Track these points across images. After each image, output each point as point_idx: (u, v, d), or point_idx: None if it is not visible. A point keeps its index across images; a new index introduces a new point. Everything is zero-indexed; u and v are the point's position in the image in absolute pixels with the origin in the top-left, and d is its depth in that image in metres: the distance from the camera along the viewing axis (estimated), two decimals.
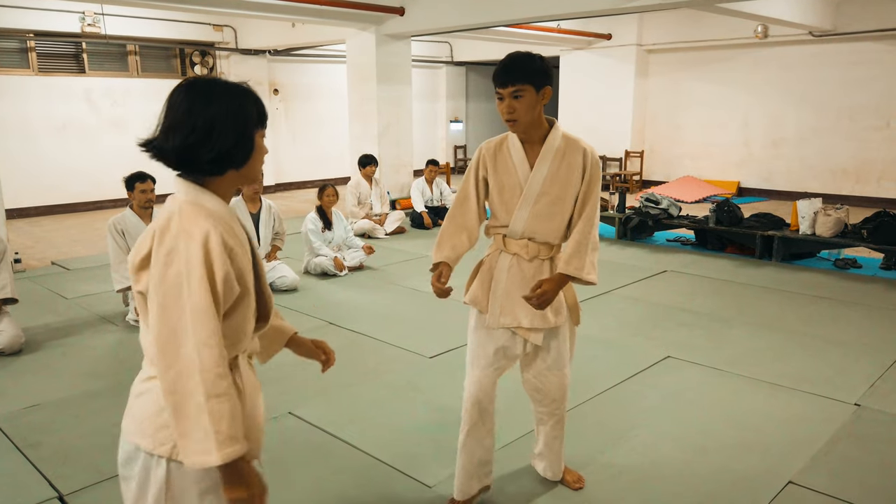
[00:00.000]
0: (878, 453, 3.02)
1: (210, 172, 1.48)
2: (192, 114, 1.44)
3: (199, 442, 1.36)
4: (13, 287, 4.41)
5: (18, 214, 9.59)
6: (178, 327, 1.37)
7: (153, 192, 4.94)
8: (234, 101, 1.47)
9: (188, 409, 1.36)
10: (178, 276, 1.38)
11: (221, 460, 1.37)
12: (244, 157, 1.50)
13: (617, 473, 2.87)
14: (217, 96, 1.46)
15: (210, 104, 1.45)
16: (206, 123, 1.43)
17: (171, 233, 1.41)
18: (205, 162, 1.45)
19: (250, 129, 1.50)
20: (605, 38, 12.39)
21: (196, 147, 1.44)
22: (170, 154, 1.46)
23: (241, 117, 1.47)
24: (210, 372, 1.37)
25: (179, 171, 1.49)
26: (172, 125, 1.45)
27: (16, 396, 3.68)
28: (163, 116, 1.47)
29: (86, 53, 10.23)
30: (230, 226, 1.48)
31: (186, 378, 1.36)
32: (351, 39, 9.63)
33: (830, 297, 5.47)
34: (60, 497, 2.73)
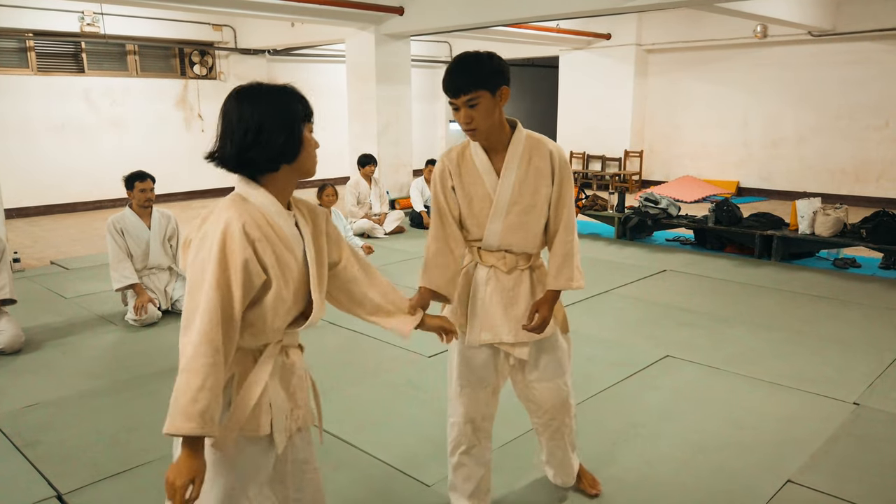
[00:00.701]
0: (876, 452, 3.02)
1: (266, 170, 1.60)
2: (243, 119, 1.54)
3: (169, 409, 1.45)
4: (12, 287, 4.41)
5: (17, 214, 9.58)
6: (196, 306, 1.48)
7: (153, 192, 4.94)
8: (278, 101, 1.58)
9: (182, 380, 1.47)
10: (203, 262, 1.50)
11: (168, 430, 1.44)
12: (294, 151, 1.61)
13: (616, 472, 2.87)
14: (262, 99, 1.57)
15: (256, 107, 1.55)
16: (256, 125, 1.54)
17: (208, 221, 1.55)
18: (260, 161, 1.57)
19: (297, 124, 1.61)
20: (604, 37, 12.40)
21: (250, 149, 1.55)
22: (230, 161, 1.58)
23: (287, 115, 1.59)
24: (194, 345, 1.45)
25: (240, 173, 1.61)
26: (227, 133, 1.57)
27: (15, 396, 3.68)
28: (219, 127, 1.59)
29: (85, 53, 10.23)
30: (264, 218, 1.58)
31: (192, 348, 1.47)
32: (350, 39, 9.63)
33: (829, 297, 5.48)
34: (59, 496, 2.73)
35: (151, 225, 4.99)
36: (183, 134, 11.52)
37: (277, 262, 1.57)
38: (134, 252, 4.93)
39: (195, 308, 1.48)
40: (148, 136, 11.00)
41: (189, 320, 1.49)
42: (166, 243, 5.09)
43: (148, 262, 5.01)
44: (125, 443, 3.15)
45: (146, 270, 5.02)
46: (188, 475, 1.45)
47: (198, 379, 1.44)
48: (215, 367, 1.46)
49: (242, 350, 1.61)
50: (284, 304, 1.61)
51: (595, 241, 7.75)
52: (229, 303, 1.49)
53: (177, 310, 5.07)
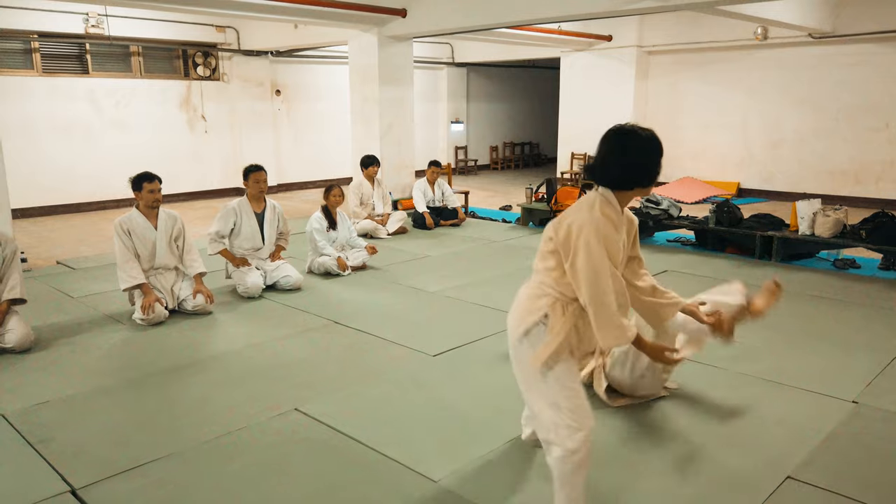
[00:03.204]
0: (875, 450, 3.07)
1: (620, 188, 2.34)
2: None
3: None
4: (23, 288, 4.47)
5: (22, 214, 9.64)
6: (598, 267, 2.20)
7: (160, 192, 5.00)
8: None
9: (606, 315, 2.22)
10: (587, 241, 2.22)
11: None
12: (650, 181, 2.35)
13: (614, 470, 2.91)
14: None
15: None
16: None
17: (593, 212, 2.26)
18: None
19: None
20: (605, 39, 12.45)
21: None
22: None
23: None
24: (618, 290, 2.26)
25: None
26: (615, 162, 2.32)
27: (26, 393, 3.73)
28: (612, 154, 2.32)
29: (89, 54, 10.29)
30: (612, 218, 2.30)
31: (604, 295, 2.21)
32: (353, 41, 9.68)
33: (829, 297, 5.53)
34: (73, 491, 2.78)
35: (158, 225, 5.04)
36: (186, 135, 11.58)
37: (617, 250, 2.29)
38: (141, 252, 4.99)
39: (599, 263, 2.21)
40: (152, 136, 11.05)
41: (595, 265, 2.20)
42: (173, 243, 5.14)
43: (155, 262, 5.06)
44: (135, 439, 3.20)
45: (153, 270, 5.08)
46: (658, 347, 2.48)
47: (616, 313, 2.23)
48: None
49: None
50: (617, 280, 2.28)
51: None
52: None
53: (183, 309, 5.13)
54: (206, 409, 3.54)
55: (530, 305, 2.36)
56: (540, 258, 2.38)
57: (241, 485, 2.82)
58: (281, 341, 4.56)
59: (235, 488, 2.80)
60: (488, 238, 7.99)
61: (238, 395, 3.69)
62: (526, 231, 8.48)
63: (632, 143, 2.28)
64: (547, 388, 2.31)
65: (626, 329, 2.26)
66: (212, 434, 3.24)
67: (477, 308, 5.25)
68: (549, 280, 2.33)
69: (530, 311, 2.35)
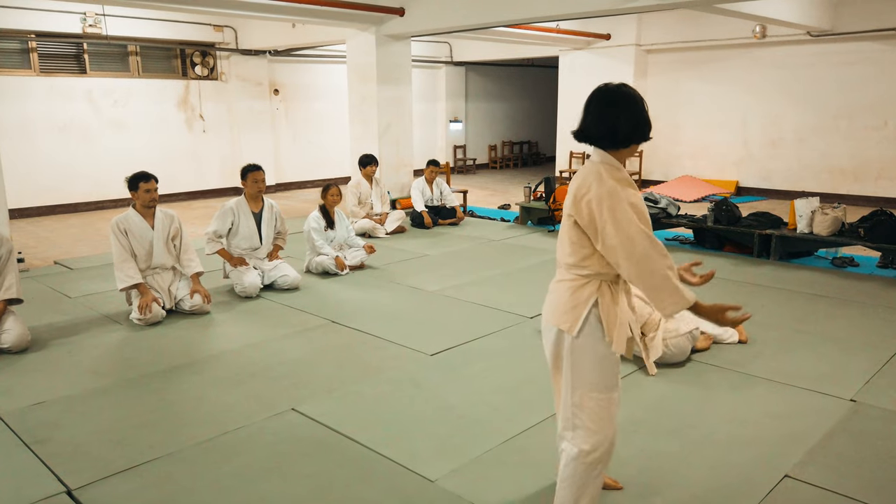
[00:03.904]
0: (873, 448, 3.06)
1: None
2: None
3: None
4: (19, 288, 4.46)
5: (20, 214, 9.63)
6: (631, 234, 2.12)
7: (157, 192, 4.99)
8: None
9: (656, 280, 2.13)
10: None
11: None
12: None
13: (615, 468, 2.91)
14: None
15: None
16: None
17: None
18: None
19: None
20: (604, 38, 12.44)
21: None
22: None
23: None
24: (661, 252, 2.15)
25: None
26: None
27: (23, 393, 3.72)
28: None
29: (87, 54, 10.27)
30: (626, 179, 2.23)
31: (649, 262, 2.12)
32: (351, 40, 9.67)
33: (827, 295, 5.52)
34: (69, 491, 2.77)
35: (155, 225, 5.03)
36: (185, 134, 11.56)
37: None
38: (138, 252, 4.98)
39: (635, 225, 2.13)
40: (150, 136, 11.04)
41: (634, 229, 2.13)
42: (170, 243, 5.13)
43: (152, 261, 5.05)
44: (132, 440, 3.19)
45: (150, 270, 5.07)
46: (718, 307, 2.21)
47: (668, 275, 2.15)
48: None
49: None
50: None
51: None
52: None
53: (181, 309, 5.12)
54: (203, 409, 3.54)
55: (574, 298, 2.25)
56: (568, 244, 2.27)
57: (238, 485, 2.82)
58: (279, 341, 4.55)
59: (232, 488, 2.79)
60: (487, 237, 7.99)
61: (235, 395, 3.68)
62: (524, 230, 8.47)
63: (622, 98, 2.24)
64: (591, 383, 2.27)
65: (684, 292, 2.14)
66: (209, 434, 3.24)
67: (475, 307, 5.24)
68: (586, 264, 2.24)
69: (576, 305, 2.24)
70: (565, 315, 2.26)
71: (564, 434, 2.36)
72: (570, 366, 2.28)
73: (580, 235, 2.23)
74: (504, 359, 4.19)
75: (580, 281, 2.26)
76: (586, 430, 2.29)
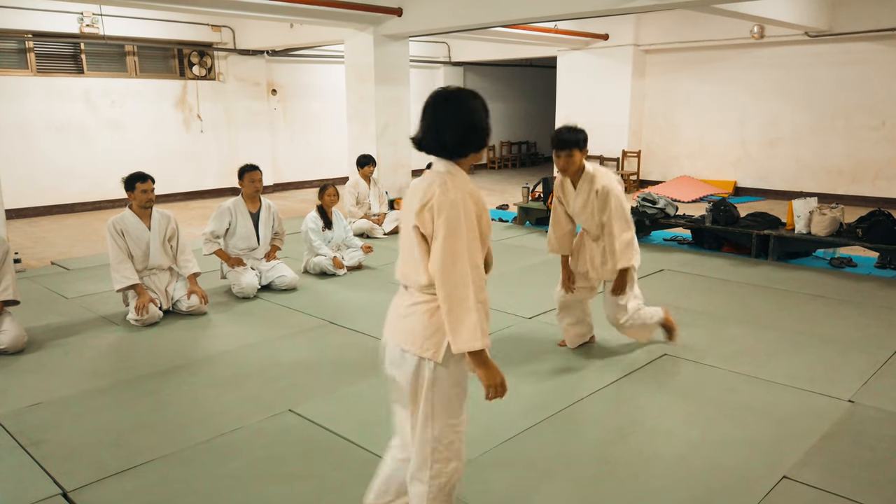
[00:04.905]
0: (870, 449, 3.06)
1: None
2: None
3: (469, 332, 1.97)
4: (15, 289, 4.45)
5: (17, 215, 9.60)
6: (457, 251, 1.97)
7: (153, 192, 4.97)
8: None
9: (461, 309, 1.96)
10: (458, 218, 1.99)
11: (467, 348, 1.98)
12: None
13: (614, 469, 2.91)
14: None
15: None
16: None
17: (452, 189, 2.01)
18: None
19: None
20: (602, 38, 12.44)
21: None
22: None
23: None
24: (478, 284, 1.99)
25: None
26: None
27: (18, 395, 3.71)
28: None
29: (84, 54, 10.25)
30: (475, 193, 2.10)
31: (462, 287, 1.96)
32: (349, 40, 9.66)
33: (825, 296, 5.52)
34: (64, 493, 2.76)
35: (151, 226, 5.01)
36: (182, 135, 11.54)
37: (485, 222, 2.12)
38: (134, 253, 4.96)
39: (468, 254, 1.98)
40: (147, 136, 11.02)
41: (464, 258, 1.97)
42: (166, 244, 5.12)
43: (148, 262, 5.03)
44: (128, 441, 3.18)
45: (147, 271, 5.05)
46: (500, 373, 2.06)
47: (484, 308, 2.01)
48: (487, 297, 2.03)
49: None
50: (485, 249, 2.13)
51: None
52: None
53: (178, 310, 5.11)
54: (199, 410, 3.52)
55: (435, 322, 2.06)
56: (420, 261, 2.06)
57: (235, 486, 2.81)
58: (276, 342, 4.54)
59: (229, 490, 2.78)
60: None
61: (232, 396, 3.67)
62: (523, 230, 8.46)
63: (464, 104, 2.09)
64: (451, 411, 2.11)
65: (481, 335, 2.00)
66: (206, 435, 3.23)
67: None
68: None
69: (438, 328, 2.05)
70: (427, 342, 2.06)
71: (419, 475, 2.14)
72: (432, 397, 2.08)
73: (421, 245, 2.05)
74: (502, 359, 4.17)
75: (436, 302, 2.05)
76: (445, 461, 2.13)
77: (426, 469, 2.12)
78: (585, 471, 2.89)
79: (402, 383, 2.14)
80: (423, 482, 2.14)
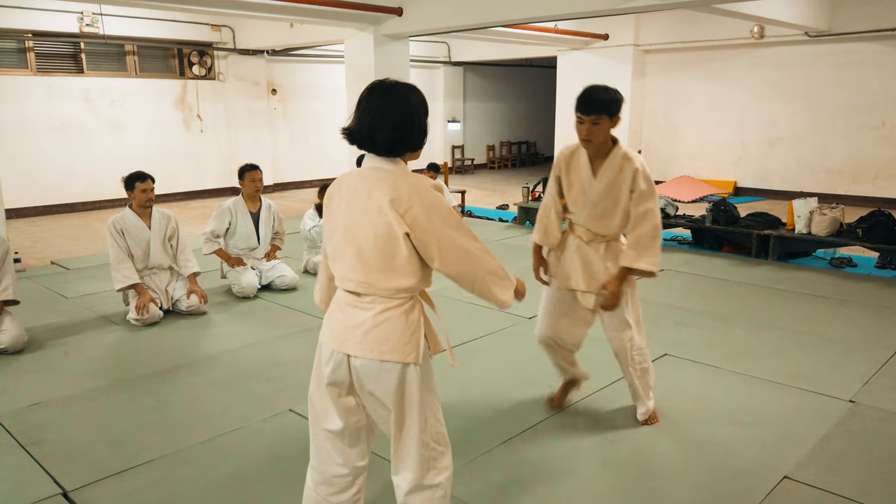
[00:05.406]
0: (871, 449, 3.06)
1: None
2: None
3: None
4: (15, 289, 4.44)
5: (17, 214, 9.60)
6: (465, 235, 1.99)
7: (153, 192, 4.97)
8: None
9: (497, 277, 2.03)
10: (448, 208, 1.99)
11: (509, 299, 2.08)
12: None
13: (614, 469, 2.90)
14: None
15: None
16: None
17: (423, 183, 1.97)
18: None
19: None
20: (602, 38, 12.44)
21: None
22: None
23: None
24: (482, 248, 2.04)
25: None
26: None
27: (18, 395, 3.71)
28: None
29: (84, 53, 10.24)
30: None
31: (489, 259, 2.02)
32: (349, 39, 9.65)
33: (826, 296, 5.52)
34: (65, 493, 2.75)
35: (152, 225, 5.01)
36: (182, 134, 11.54)
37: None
38: (134, 252, 4.96)
39: (467, 231, 1.99)
40: (147, 136, 11.02)
41: (468, 236, 1.99)
42: (167, 243, 5.11)
43: (149, 262, 5.03)
44: (127, 441, 3.18)
45: (147, 270, 5.05)
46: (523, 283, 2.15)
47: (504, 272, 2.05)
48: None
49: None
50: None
51: None
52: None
53: (178, 310, 5.10)
54: (199, 409, 3.52)
55: (410, 324, 2.02)
56: (404, 263, 1.98)
57: (235, 486, 2.80)
58: (276, 341, 4.54)
59: (229, 490, 2.78)
60: (485, 237, 7.97)
61: (232, 396, 3.67)
62: (523, 230, 8.46)
63: (403, 100, 1.95)
64: (433, 403, 2.08)
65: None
66: (206, 435, 3.22)
67: (474, 307, 5.23)
68: (416, 283, 2.02)
69: (413, 330, 2.01)
70: (407, 346, 1.98)
71: (425, 482, 2.05)
72: (419, 398, 2.01)
73: (409, 248, 1.94)
74: (503, 359, 4.18)
75: (407, 304, 2.00)
76: (442, 455, 2.09)
77: (429, 472, 2.06)
78: (585, 471, 2.88)
79: (380, 398, 2.01)
80: (431, 486, 2.06)
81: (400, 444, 2.05)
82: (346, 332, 2.00)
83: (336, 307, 2.07)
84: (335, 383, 2.06)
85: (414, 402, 2.01)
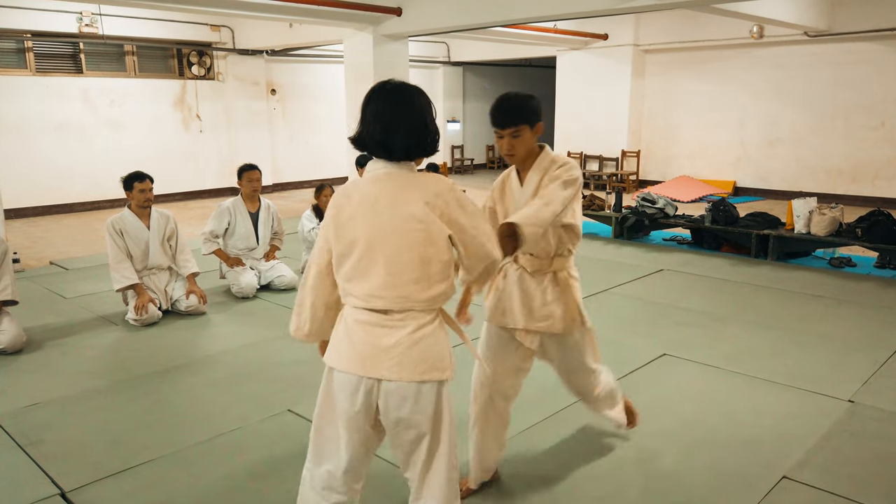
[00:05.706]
0: (870, 449, 3.06)
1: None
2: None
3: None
4: (14, 289, 4.44)
5: (16, 215, 9.59)
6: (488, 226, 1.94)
7: (152, 192, 4.97)
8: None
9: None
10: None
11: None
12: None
13: (613, 469, 2.90)
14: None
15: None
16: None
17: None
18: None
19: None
20: (601, 38, 12.43)
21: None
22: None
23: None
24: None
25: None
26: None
27: (17, 395, 3.70)
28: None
29: (83, 54, 10.24)
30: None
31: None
32: (348, 40, 9.65)
33: (825, 296, 5.52)
34: (62, 494, 2.75)
35: (150, 225, 5.01)
36: (181, 134, 11.53)
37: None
38: (133, 252, 4.95)
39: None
40: (146, 136, 11.01)
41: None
42: (165, 243, 5.11)
43: (148, 262, 5.03)
44: (126, 441, 3.17)
45: (146, 271, 5.04)
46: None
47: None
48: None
49: None
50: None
51: (592, 240, 7.79)
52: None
53: (177, 310, 5.10)
54: (198, 410, 3.52)
55: (444, 340, 1.91)
56: (438, 270, 1.85)
57: (233, 486, 2.80)
58: (275, 342, 4.53)
59: (229, 490, 2.77)
60: None
61: (231, 396, 3.67)
62: None
63: (412, 102, 1.87)
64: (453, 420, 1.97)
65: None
66: (205, 435, 3.22)
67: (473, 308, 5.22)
68: (448, 289, 1.92)
69: (446, 344, 1.91)
70: (443, 361, 1.86)
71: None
72: (449, 418, 1.90)
73: (449, 250, 1.84)
74: None
75: (438, 317, 1.90)
76: (457, 482, 1.98)
77: (455, 501, 1.94)
78: (585, 471, 2.88)
79: (415, 422, 1.85)
80: None
81: (431, 469, 1.90)
82: (378, 354, 1.82)
83: (356, 329, 1.87)
84: (361, 413, 1.90)
85: (447, 424, 1.89)
